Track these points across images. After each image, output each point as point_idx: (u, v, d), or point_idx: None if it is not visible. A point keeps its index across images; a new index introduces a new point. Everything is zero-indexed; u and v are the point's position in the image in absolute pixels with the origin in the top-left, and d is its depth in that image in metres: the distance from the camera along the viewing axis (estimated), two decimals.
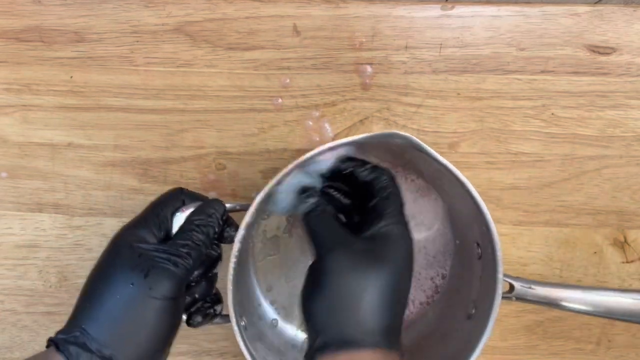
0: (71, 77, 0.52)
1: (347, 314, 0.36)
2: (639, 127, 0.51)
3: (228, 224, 0.42)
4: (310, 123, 0.52)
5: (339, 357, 0.35)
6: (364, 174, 0.42)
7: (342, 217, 0.44)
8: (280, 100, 0.52)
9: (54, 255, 0.53)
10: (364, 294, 0.36)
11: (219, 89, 0.52)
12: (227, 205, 0.42)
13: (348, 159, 0.43)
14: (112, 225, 0.53)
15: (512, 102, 0.51)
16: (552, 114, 0.51)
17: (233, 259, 0.39)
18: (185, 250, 0.37)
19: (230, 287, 0.40)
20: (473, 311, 0.44)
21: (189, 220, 0.39)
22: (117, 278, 0.36)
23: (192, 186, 0.52)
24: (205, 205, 0.40)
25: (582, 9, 0.51)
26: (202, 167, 0.52)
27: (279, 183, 0.40)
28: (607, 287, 0.51)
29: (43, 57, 0.52)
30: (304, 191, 0.43)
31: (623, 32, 0.51)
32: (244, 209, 0.41)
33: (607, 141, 0.51)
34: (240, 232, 0.40)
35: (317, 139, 0.52)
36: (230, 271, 0.39)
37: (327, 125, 0.52)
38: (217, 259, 0.42)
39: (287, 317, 0.51)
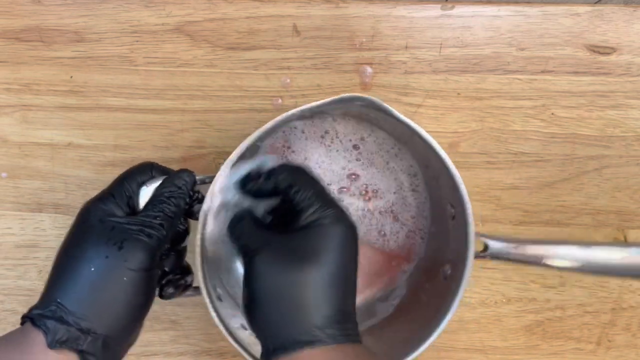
0: (71, 77, 0.52)
1: (283, 316, 0.35)
2: (639, 127, 0.51)
3: (197, 198, 0.41)
4: None
5: (289, 357, 0.34)
6: (264, 186, 0.40)
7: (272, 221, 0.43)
8: (280, 101, 0.52)
9: (54, 255, 0.53)
10: (296, 291, 0.35)
11: (219, 89, 0.52)
12: (199, 177, 0.41)
13: (246, 180, 0.42)
14: None
15: (512, 102, 0.51)
16: (552, 114, 0.51)
17: (200, 230, 0.39)
18: (157, 222, 0.37)
19: (198, 258, 0.40)
20: (449, 272, 0.44)
21: (158, 192, 0.39)
22: (91, 251, 0.36)
23: None
24: (175, 176, 0.40)
25: (582, 9, 0.51)
26: (202, 166, 0.52)
27: (246, 150, 0.40)
28: (590, 241, 0.49)
29: (43, 57, 0.52)
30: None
31: (623, 32, 0.51)
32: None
33: (607, 141, 0.51)
34: (207, 203, 0.39)
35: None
36: (198, 243, 0.39)
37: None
38: (185, 232, 0.42)
39: None
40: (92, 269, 0.35)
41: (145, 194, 0.40)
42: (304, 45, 0.51)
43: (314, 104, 0.39)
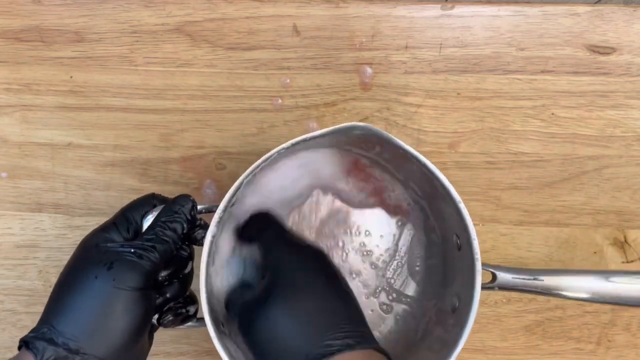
0: (71, 77, 0.52)
1: (293, 345, 0.35)
2: (639, 127, 0.51)
3: (199, 225, 0.42)
4: (313, 125, 0.52)
5: None
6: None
7: None
8: (280, 101, 0.52)
9: (54, 255, 0.53)
10: (288, 325, 0.36)
11: (219, 89, 0.52)
12: (203, 206, 0.42)
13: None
14: None
15: (512, 102, 0.51)
16: (552, 113, 0.51)
17: (204, 258, 0.39)
18: (150, 244, 0.38)
19: (203, 287, 0.39)
20: (457, 304, 0.43)
21: (156, 218, 0.40)
22: (82, 274, 0.36)
23: (192, 186, 0.52)
24: (172, 202, 0.41)
25: (582, 9, 0.51)
26: (202, 167, 0.52)
27: (248, 178, 0.40)
28: (593, 269, 0.50)
29: (43, 57, 0.52)
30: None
31: (623, 32, 0.51)
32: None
33: (607, 141, 0.51)
34: (211, 232, 0.39)
35: None
36: (203, 271, 0.39)
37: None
38: (188, 259, 0.42)
39: None
40: (82, 290, 0.36)
41: (149, 222, 0.41)
42: (304, 45, 0.51)
43: (311, 134, 0.39)
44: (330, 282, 0.38)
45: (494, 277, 0.42)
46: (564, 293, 0.42)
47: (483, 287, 0.41)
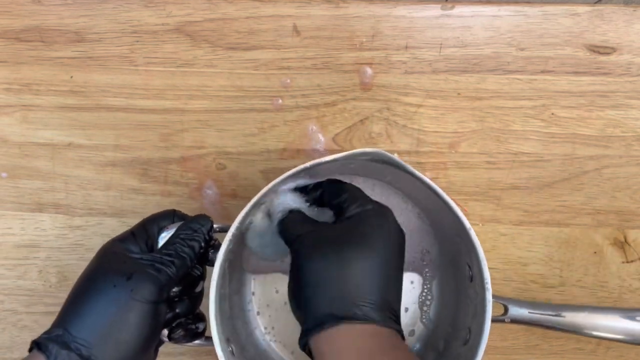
0: (71, 77, 0.52)
1: (323, 295, 0.35)
2: (639, 127, 0.51)
3: (213, 245, 0.42)
4: (314, 127, 0.52)
5: (326, 333, 0.34)
6: (313, 194, 0.43)
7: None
8: (280, 101, 0.52)
9: (54, 255, 0.53)
10: (337, 272, 0.36)
11: (219, 89, 0.52)
12: (218, 225, 0.43)
13: (301, 189, 0.43)
14: (112, 225, 0.53)
15: (512, 102, 0.51)
16: (552, 113, 0.51)
17: (215, 278, 0.39)
18: (168, 259, 0.38)
19: (212, 306, 0.39)
20: (468, 337, 0.42)
21: (175, 234, 0.41)
22: (101, 281, 0.37)
23: (192, 186, 0.52)
24: (192, 220, 0.42)
25: (582, 9, 0.51)
26: (202, 167, 0.52)
27: (249, 214, 0.40)
28: (601, 306, 0.50)
29: (43, 57, 0.52)
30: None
31: (623, 32, 0.51)
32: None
33: (607, 141, 0.51)
34: (221, 254, 0.39)
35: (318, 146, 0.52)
36: (213, 292, 0.39)
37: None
38: (199, 278, 0.43)
39: (282, 344, 0.51)
40: (100, 297, 0.36)
41: (166, 237, 0.41)
42: (304, 45, 0.51)
43: (322, 159, 0.39)
44: (399, 266, 0.38)
45: (506, 309, 0.41)
46: (585, 331, 0.41)
47: (494, 320, 0.40)
